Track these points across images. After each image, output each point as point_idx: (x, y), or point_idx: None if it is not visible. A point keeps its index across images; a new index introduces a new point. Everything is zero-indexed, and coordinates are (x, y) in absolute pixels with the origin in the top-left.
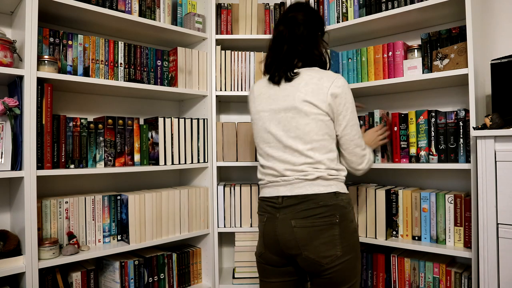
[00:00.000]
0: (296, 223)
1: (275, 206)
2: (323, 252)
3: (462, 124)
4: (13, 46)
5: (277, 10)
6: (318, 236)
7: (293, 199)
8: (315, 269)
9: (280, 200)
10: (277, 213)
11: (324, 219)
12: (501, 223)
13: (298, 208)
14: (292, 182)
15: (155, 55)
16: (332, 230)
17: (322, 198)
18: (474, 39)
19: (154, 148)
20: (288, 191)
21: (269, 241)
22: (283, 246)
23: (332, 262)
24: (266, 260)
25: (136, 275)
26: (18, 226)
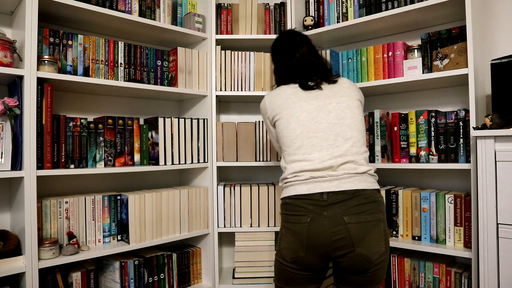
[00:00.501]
0: (349, 219)
1: (320, 204)
2: (374, 248)
3: (462, 124)
4: (13, 46)
5: (277, 10)
6: (370, 231)
7: (342, 194)
8: (362, 266)
9: (326, 196)
10: (324, 211)
11: (374, 215)
12: (501, 223)
13: (349, 203)
14: (339, 177)
15: (155, 55)
16: (379, 226)
17: (371, 194)
18: (474, 39)
19: (154, 148)
20: (335, 186)
21: (315, 243)
22: (332, 245)
23: (379, 258)
24: (304, 265)
25: (136, 275)
26: (18, 226)
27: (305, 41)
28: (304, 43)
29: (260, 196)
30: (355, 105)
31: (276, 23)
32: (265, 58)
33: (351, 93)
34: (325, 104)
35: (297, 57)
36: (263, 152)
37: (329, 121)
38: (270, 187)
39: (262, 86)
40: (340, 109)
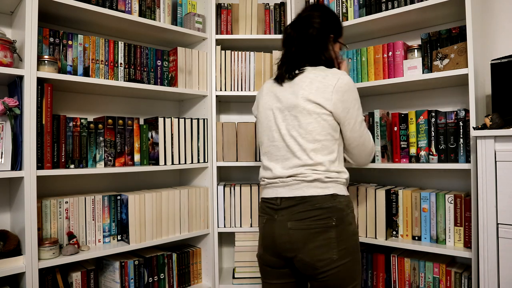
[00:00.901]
0: (292, 225)
1: (274, 208)
2: (318, 256)
3: (462, 124)
4: (13, 46)
5: (277, 10)
6: (313, 238)
7: (291, 200)
8: (310, 272)
9: (279, 201)
10: (275, 215)
11: (320, 222)
12: (501, 223)
13: (295, 209)
14: (290, 183)
15: (155, 55)
16: (328, 233)
17: (319, 200)
18: (474, 39)
19: (154, 148)
20: (286, 192)
21: (267, 243)
22: (280, 248)
23: (327, 265)
24: (265, 261)
25: (136, 275)
26: (18, 226)
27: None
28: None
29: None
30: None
31: (276, 23)
32: (265, 58)
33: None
34: (280, 111)
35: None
36: None
37: (282, 131)
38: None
39: None
40: (290, 118)
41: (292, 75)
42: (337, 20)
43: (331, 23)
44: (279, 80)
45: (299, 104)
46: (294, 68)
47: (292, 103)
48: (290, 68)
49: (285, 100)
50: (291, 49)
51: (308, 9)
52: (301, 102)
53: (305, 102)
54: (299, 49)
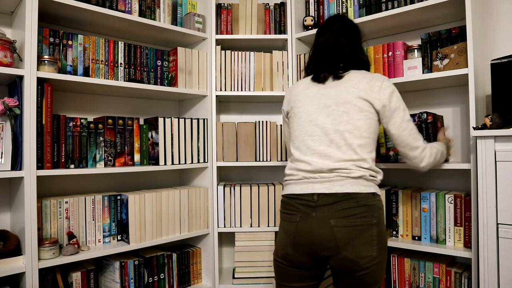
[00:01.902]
0: (336, 222)
1: (310, 205)
2: (362, 252)
3: (425, 126)
4: (13, 46)
5: (277, 10)
6: (358, 236)
7: (332, 197)
8: (350, 269)
9: (316, 197)
10: (313, 212)
11: (364, 219)
12: (501, 223)
13: (337, 206)
14: (331, 179)
15: (155, 55)
16: (371, 230)
17: (363, 198)
18: (474, 39)
19: (154, 148)
20: (326, 188)
21: (302, 242)
22: (319, 246)
23: (368, 262)
24: (293, 262)
25: (136, 275)
26: (18, 226)
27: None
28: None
29: (260, 196)
30: (355, 108)
31: (276, 23)
32: (265, 58)
33: (355, 93)
34: (325, 106)
35: (319, 43)
36: (263, 152)
37: (326, 126)
38: (270, 187)
39: (262, 86)
40: (338, 113)
41: (338, 75)
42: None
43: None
44: (320, 79)
45: (350, 100)
46: (335, 68)
47: (342, 99)
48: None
49: (333, 96)
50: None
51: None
52: (352, 99)
53: (356, 99)
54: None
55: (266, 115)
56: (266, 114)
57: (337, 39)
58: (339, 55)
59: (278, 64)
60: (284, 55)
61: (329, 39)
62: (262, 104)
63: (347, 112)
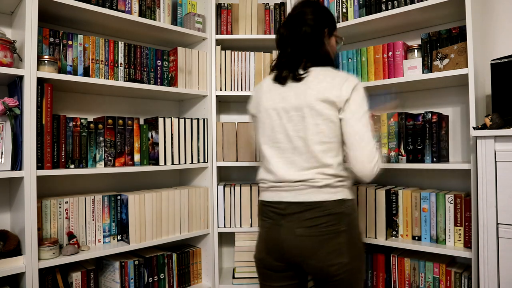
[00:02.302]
0: (301, 232)
1: (279, 213)
2: (329, 261)
3: (428, 126)
4: (13, 46)
5: (277, 10)
6: (324, 245)
7: (298, 206)
8: (321, 275)
9: (284, 206)
10: (281, 220)
11: (330, 228)
12: (501, 223)
13: (303, 216)
14: (297, 188)
15: (155, 55)
16: (338, 238)
17: (328, 206)
18: (474, 39)
19: (154, 148)
20: (292, 197)
21: (272, 248)
22: (288, 253)
23: (339, 269)
24: (266, 265)
25: (136, 275)
26: (18, 226)
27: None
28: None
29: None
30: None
31: (276, 23)
32: (265, 58)
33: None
34: (285, 111)
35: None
36: None
37: (288, 133)
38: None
39: None
40: (297, 119)
41: (298, 76)
42: (329, 13)
43: (324, 17)
44: (280, 80)
45: (308, 104)
46: (296, 68)
47: (300, 103)
48: (292, 68)
49: (292, 100)
50: (286, 50)
51: (299, 6)
52: (310, 102)
53: (314, 102)
54: (295, 49)
55: None
56: None
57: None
58: (299, 50)
59: None
60: None
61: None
62: None
63: (305, 117)
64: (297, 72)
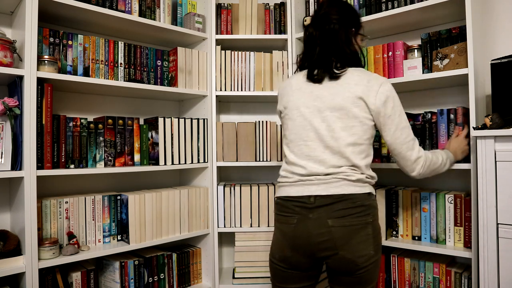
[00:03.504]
0: (333, 222)
1: (306, 206)
2: (359, 251)
3: (428, 126)
4: (13, 46)
5: (277, 10)
6: (355, 235)
7: (328, 198)
8: (349, 268)
9: (313, 199)
10: (310, 213)
11: (360, 219)
12: (501, 223)
13: (334, 207)
14: (327, 181)
15: (155, 55)
16: (367, 229)
17: (359, 198)
18: (474, 39)
19: (154, 148)
20: (322, 190)
21: (300, 243)
22: (316, 247)
23: (366, 261)
24: (292, 264)
25: (136, 275)
26: (18, 226)
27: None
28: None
29: (260, 196)
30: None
31: (276, 23)
32: (265, 58)
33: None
34: (319, 110)
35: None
36: (263, 152)
37: (320, 131)
38: (270, 187)
39: (262, 86)
40: (332, 119)
41: (334, 74)
42: (355, 12)
43: (350, 16)
44: (315, 79)
45: (345, 106)
46: (330, 67)
47: (337, 104)
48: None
49: (328, 100)
50: (315, 49)
51: (325, 5)
52: (347, 104)
53: (351, 105)
54: (324, 47)
55: (266, 115)
56: (266, 114)
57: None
58: (328, 49)
59: (278, 64)
60: (284, 55)
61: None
62: (262, 104)
63: (341, 119)
64: (332, 71)
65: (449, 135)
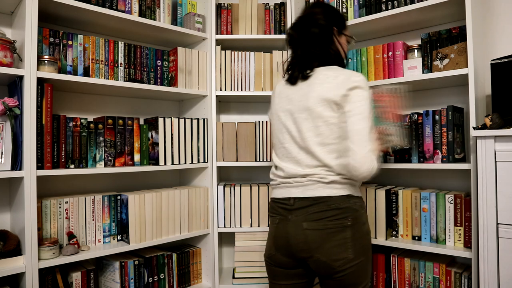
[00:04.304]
0: (308, 225)
1: (287, 208)
2: (335, 255)
3: (415, 126)
4: (13, 46)
5: (277, 10)
6: (330, 238)
7: (305, 201)
8: (326, 271)
9: (292, 201)
10: (289, 215)
11: (336, 222)
12: (501, 223)
13: (310, 210)
14: (305, 183)
15: (155, 55)
16: (344, 232)
17: (335, 201)
18: (474, 39)
19: (154, 148)
20: (300, 192)
21: (280, 243)
22: (294, 248)
23: (344, 265)
24: (276, 262)
25: (136, 275)
26: (18, 226)
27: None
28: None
29: (260, 196)
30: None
31: (276, 23)
32: (265, 58)
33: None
34: (290, 113)
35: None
36: (263, 152)
37: (292, 133)
38: (270, 187)
39: (262, 86)
40: (300, 121)
41: (305, 76)
42: (337, 13)
43: (332, 16)
44: (292, 81)
45: (309, 107)
46: (306, 68)
47: (302, 106)
48: (301, 68)
49: (297, 102)
50: (297, 51)
51: (308, 8)
52: (311, 105)
53: (315, 105)
54: (305, 49)
55: (266, 115)
56: (266, 114)
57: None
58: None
59: (278, 64)
60: (284, 55)
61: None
62: (262, 104)
63: (307, 120)
64: (305, 72)
65: (434, 136)
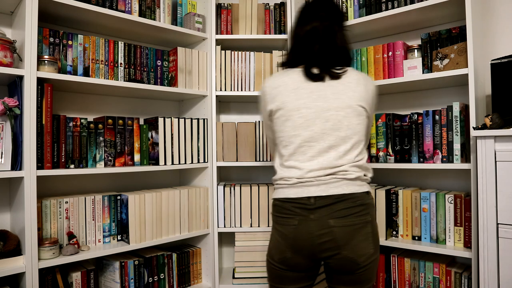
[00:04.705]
0: (335, 222)
1: (307, 208)
2: (360, 250)
3: (415, 126)
4: (13, 46)
5: (277, 10)
6: (356, 234)
7: (328, 199)
8: (350, 267)
9: (313, 200)
10: (311, 214)
11: (361, 218)
12: (501, 223)
13: (335, 207)
14: (327, 181)
15: (155, 55)
16: (367, 228)
17: (359, 197)
18: (474, 39)
19: (154, 148)
20: (322, 191)
21: (302, 244)
22: (318, 248)
23: (366, 259)
24: (290, 265)
25: (136, 275)
26: (18, 226)
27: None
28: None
29: (260, 196)
30: (355, 113)
31: (276, 23)
32: (265, 58)
33: (354, 97)
34: (323, 110)
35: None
36: (263, 152)
37: (325, 131)
38: (270, 187)
39: None
40: (338, 118)
41: (335, 74)
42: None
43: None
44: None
45: (351, 104)
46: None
47: (342, 103)
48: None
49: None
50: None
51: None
52: (352, 103)
53: (356, 104)
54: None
55: None
56: None
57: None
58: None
59: (278, 64)
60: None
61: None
62: None
63: (347, 117)
64: (333, 70)
65: (434, 136)
